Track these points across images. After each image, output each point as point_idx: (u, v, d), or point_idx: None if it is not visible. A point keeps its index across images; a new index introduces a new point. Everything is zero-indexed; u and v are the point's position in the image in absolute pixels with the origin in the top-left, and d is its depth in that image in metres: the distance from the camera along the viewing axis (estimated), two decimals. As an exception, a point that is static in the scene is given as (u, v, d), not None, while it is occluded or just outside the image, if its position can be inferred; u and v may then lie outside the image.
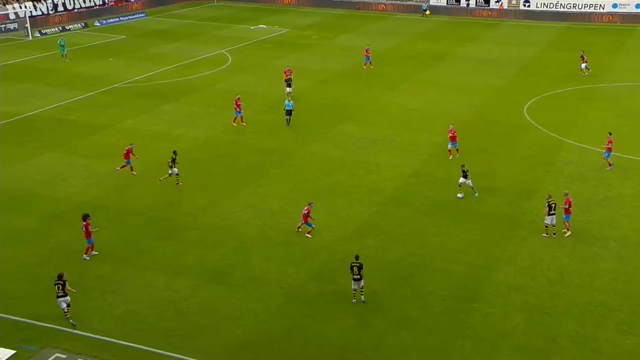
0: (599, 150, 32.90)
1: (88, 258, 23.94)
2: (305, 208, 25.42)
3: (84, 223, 23.68)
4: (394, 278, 23.00)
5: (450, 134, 32.86)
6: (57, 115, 39.42)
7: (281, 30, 66.35)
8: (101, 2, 73.27)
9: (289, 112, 37.45)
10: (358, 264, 21.09)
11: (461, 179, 28.67)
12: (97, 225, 25.98)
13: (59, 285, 20.11)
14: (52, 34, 62.19)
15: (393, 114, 40.49)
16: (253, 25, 68.50)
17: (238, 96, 37.77)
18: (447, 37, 64.07)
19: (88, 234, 23.71)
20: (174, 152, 30.27)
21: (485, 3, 75.97)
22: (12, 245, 24.70)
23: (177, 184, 29.92)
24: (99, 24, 68.05)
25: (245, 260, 24.05)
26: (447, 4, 77.17)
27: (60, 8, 68.96)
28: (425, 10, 75.26)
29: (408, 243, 25.36)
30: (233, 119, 37.73)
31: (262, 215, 27.30)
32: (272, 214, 27.39)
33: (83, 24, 67.40)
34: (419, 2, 77.98)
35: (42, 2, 67.22)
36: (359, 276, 21.07)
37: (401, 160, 33.33)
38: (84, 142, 35.21)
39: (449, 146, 33.09)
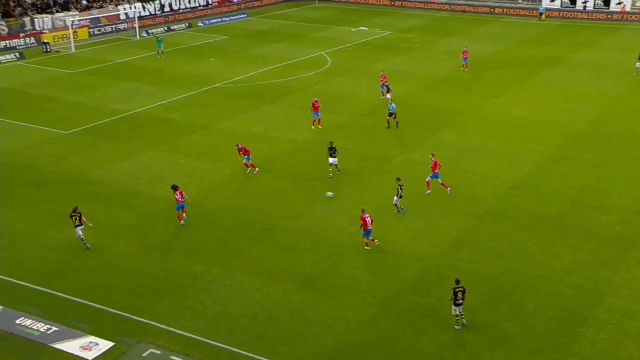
0: None
1: (183, 222, 26.82)
2: (368, 215, 24.73)
3: (178, 191, 26.48)
4: (492, 294, 22.33)
5: (432, 164, 29.25)
6: (159, 114, 41.26)
7: (383, 33, 66.28)
8: (205, 3, 76.15)
9: (391, 114, 37.40)
10: (462, 288, 20.42)
11: (395, 198, 27.56)
12: (192, 225, 27.04)
13: (76, 217, 24.58)
14: (157, 34, 65.15)
15: (496, 122, 39.42)
16: (354, 27, 68.83)
17: (316, 99, 38.23)
18: (559, 41, 61.72)
19: (181, 199, 26.59)
20: (331, 142, 31.35)
21: (604, 5, 72.51)
22: (113, 239, 26.06)
23: (337, 171, 31.36)
24: (202, 25, 70.71)
25: (337, 267, 24.13)
26: (561, 6, 74.31)
27: (167, 8, 72.29)
28: (541, 14, 72.62)
29: (508, 259, 24.56)
30: (317, 122, 37.98)
31: (357, 222, 27.19)
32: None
33: (187, 24, 70.29)
34: (531, 4, 75.60)
35: (150, 2, 70.73)
36: (462, 301, 20.42)
37: (503, 170, 32.36)
38: (183, 141, 36.62)
39: (428, 179, 29.26)
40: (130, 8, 67.45)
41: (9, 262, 24.22)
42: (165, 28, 67.98)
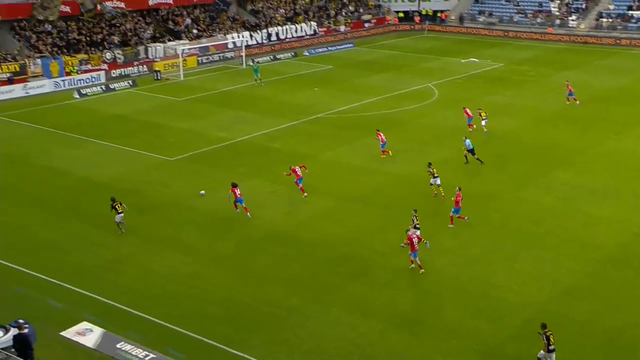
0: None
1: (249, 215, 30.41)
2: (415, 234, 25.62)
3: (237, 188, 30.32)
4: (611, 351, 21.02)
5: (457, 198, 29.10)
6: (262, 143, 42.41)
7: (494, 65, 65.24)
8: (312, 32, 78.11)
9: (470, 151, 37.11)
10: (551, 331, 19.48)
11: (411, 229, 26.73)
12: (290, 256, 27.41)
13: (117, 205, 29.00)
14: (263, 62, 67.44)
15: (619, 162, 37.57)
16: (464, 59, 68.20)
17: (377, 130, 38.94)
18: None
19: (236, 196, 30.54)
20: (429, 164, 32.50)
21: None
22: (211, 267, 26.82)
23: (442, 195, 32.10)
24: (307, 54, 72.42)
25: (437, 310, 23.61)
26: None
27: (274, 38, 74.79)
28: None
29: (631, 311, 23.09)
30: (383, 151, 38.45)
31: (459, 262, 26.69)
32: (470, 262, 26.67)
33: (293, 53, 72.26)
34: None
35: (258, 32, 73.44)
36: (554, 345, 19.40)
37: (627, 214, 30.68)
38: (284, 170, 37.28)
39: (452, 213, 29.42)
40: (239, 37, 70.31)
41: (111, 286, 25.41)
42: (271, 57, 70.22)
